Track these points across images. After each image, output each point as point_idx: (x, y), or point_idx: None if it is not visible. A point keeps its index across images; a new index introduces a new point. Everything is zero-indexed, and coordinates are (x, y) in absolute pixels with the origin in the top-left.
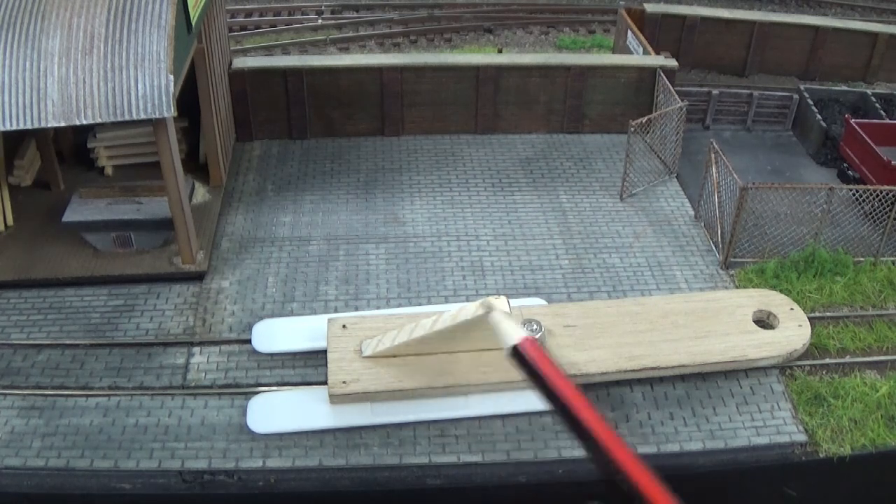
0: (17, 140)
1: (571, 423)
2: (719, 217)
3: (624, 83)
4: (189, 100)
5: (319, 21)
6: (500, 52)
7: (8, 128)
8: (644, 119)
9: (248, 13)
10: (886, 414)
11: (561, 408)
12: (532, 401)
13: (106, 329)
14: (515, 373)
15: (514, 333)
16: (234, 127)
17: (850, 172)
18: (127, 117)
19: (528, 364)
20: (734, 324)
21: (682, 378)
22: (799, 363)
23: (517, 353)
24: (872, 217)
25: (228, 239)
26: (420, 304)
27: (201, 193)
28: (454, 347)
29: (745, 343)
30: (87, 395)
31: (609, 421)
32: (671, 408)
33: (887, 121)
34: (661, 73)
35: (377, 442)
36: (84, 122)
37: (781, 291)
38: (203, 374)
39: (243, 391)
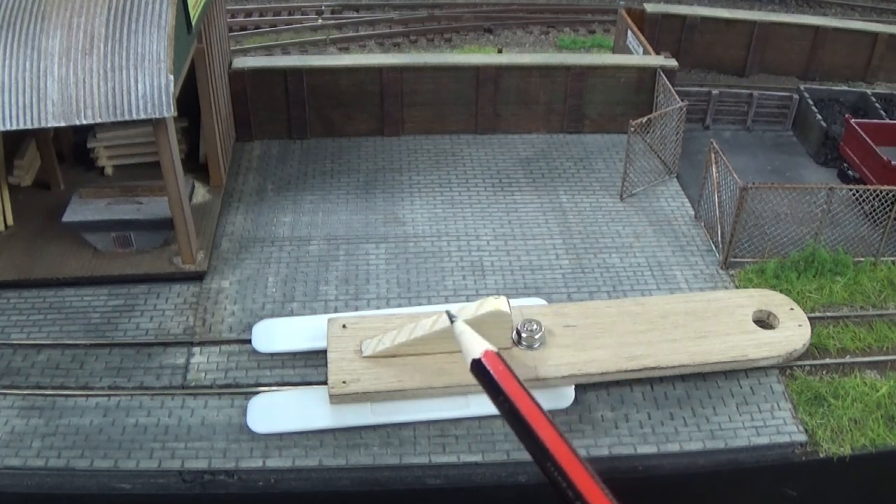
0: (17, 140)
1: (526, 439)
2: (719, 217)
3: (624, 83)
4: (189, 100)
5: (319, 21)
6: (500, 52)
7: (8, 128)
8: (644, 119)
9: (248, 13)
10: (886, 414)
11: (518, 423)
12: None
13: (106, 329)
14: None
15: (477, 346)
16: (234, 127)
17: (850, 172)
18: (127, 117)
19: (489, 378)
20: (734, 324)
21: (682, 378)
22: (799, 363)
23: (478, 367)
24: (872, 217)
25: (228, 239)
26: (420, 304)
27: (201, 193)
28: (454, 347)
29: (745, 343)
30: (87, 395)
31: (567, 438)
32: (671, 408)
33: (887, 121)
34: (661, 73)
35: (377, 442)
36: (84, 122)
37: (781, 291)
38: (203, 374)
39: (243, 391)
